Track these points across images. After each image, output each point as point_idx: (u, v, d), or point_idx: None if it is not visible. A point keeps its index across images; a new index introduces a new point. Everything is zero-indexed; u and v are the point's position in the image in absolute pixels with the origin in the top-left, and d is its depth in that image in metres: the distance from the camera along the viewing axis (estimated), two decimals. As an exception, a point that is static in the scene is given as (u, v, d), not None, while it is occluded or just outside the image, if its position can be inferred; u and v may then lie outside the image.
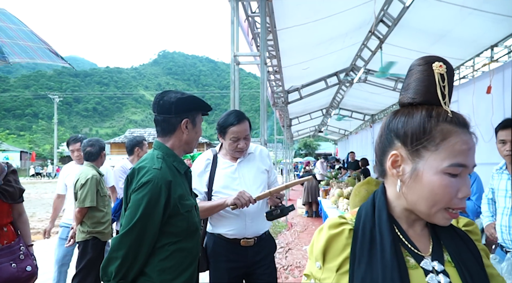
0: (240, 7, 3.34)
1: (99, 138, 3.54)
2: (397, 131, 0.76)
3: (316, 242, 0.78)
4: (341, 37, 6.10)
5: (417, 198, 0.73)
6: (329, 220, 0.80)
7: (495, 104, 5.19)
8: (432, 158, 0.72)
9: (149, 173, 1.45)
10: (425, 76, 0.76)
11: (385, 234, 0.73)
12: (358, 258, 0.72)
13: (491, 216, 2.52)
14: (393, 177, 0.78)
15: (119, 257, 1.38)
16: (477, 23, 4.79)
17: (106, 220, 3.28)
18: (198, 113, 1.63)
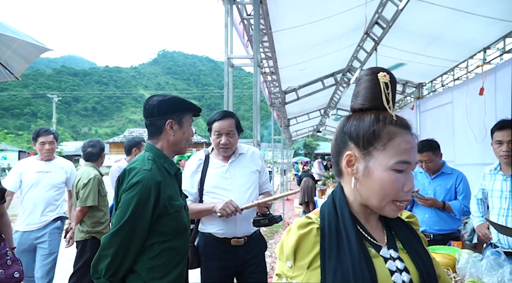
0: (234, 10, 3.41)
1: (99, 139, 3.60)
2: (351, 134, 0.86)
3: (286, 242, 0.81)
4: (337, 39, 6.16)
5: (369, 193, 0.83)
6: (297, 220, 0.84)
7: (487, 105, 5.26)
8: (381, 157, 0.81)
9: (139, 174, 1.50)
10: (372, 84, 0.85)
11: (349, 229, 0.80)
12: (328, 253, 0.78)
13: (481, 216, 2.56)
14: (348, 175, 0.87)
15: (109, 255, 1.43)
16: (469, 26, 4.86)
17: (105, 220, 3.34)
18: (184, 113, 1.66)
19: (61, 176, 3.34)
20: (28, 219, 3.17)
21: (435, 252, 2.24)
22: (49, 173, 3.25)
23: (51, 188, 3.25)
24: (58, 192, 3.30)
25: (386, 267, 0.81)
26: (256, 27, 3.04)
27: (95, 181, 3.23)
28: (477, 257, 1.90)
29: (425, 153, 2.83)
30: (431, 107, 7.65)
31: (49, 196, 3.23)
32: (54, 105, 36.97)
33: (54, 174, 3.30)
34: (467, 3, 4.34)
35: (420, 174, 3.06)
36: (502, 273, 1.72)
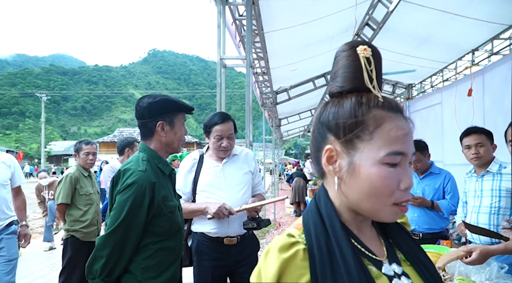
0: (227, 11, 3.41)
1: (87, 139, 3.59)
2: (329, 124, 0.69)
3: (265, 271, 0.63)
4: (328, 40, 6.20)
5: (358, 195, 0.66)
6: (276, 241, 0.66)
7: (475, 106, 5.35)
8: (368, 149, 0.65)
9: (134, 175, 1.51)
10: (350, 61, 0.69)
11: (344, 247, 0.63)
12: (321, 281, 0.61)
13: (463, 217, 2.67)
14: (330, 174, 0.70)
15: (104, 256, 1.44)
16: (458, 27, 4.94)
17: (85, 219, 3.29)
18: (175, 114, 1.66)
19: (6, 171, 2.82)
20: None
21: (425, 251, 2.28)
22: None
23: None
24: (7, 191, 2.82)
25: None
26: (248, 28, 3.05)
27: (67, 179, 3.27)
28: (466, 256, 1.94)
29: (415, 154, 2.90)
30: (420, 107, 7.75)
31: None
32: (43, 104, 36.45)
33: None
34: (456, 6, 4.41)
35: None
36: (490, 270, 1.75)
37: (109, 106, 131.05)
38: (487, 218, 2.36)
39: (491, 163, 2.42)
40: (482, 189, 2.43)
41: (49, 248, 6.18)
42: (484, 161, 2.42)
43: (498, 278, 1.69)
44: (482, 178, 2.44)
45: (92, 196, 3.43)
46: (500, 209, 2.32)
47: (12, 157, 2.95)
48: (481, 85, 5.27)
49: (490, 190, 2.37)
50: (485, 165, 2.43)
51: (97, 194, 3.54)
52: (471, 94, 5.41)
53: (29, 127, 53.78)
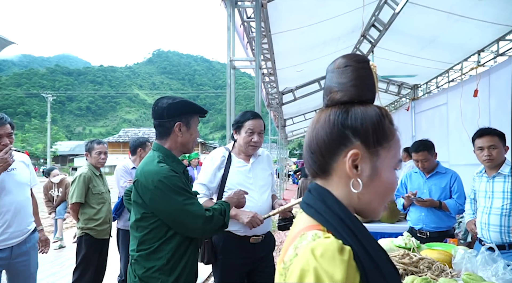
0: (236, 13, 3.48)
1: (98, 138, 3.68)
2: (356, 128, 0.72)
3: (331, 275, 0.60)
4: (334, 41, 6.25)
5: (374, 196, 0.73)
6: (327, 243, 0.63)
7: (481, 107, 5.38)
8: (388, 156, 0.74)
9: (159, 173, 1.62)
10: (367, 74, 0.76)
11: (373, 243, 0.69)
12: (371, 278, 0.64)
13: (472, 214, 2.71)
14: (346, 177, 0.73)
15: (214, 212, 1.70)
16: (464, 29, 4.97)
17: (99, 217, 3.36)
18: (192, 116, 1.74)
19: (27, 171, 2.60)
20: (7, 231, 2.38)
21: (432, 248, 2.33)
22: (15, 170, 2.47)
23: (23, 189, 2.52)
24: (29, 193, 2.62)
25: None
26: (257, 31, 3.11)
27: (80, 178, 3.34)
28: (472, 253, 1.99)
29: (421, 153, 2.96)
30: (426, 108, 7.77)
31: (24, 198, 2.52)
32: (49, 104, 36.74)
33: (20, 170, 2.52)
34: (461, 7, 4.45)
35: (415, 174, 3.17)
36: (496, 267, 1.80)
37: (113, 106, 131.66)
38: (498, 220, 2.39)
39: (502, 165, 2.44)
40: (493, 191, 2.45)
41: (58, 246, 6.28)
42: (495, 164, 2.44)
43: (504, 274, 1.73)
44: (493, 180, 2.46)
45: (104, 195, 3.50)
46: (511, 210, 2.35)
47: (28, 157, 2.79)
48: (486, 86, 5.29)
49: (502, 192, 2.40)
50: (497, 167, 2.45)
51: (108, 193, 3.61)
52: (477, 95, 5.44)
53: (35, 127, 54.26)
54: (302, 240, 0.67)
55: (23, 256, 2.45)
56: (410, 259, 2.04)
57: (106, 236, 3.44)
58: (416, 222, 3.03)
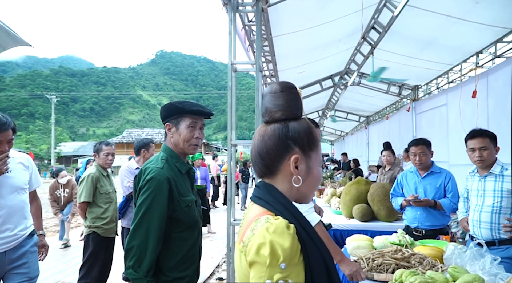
0: (237, 17, 3.58)
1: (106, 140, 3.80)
2: (295, 139, 0.96)
3: (281, 245, 0.81)
4: (335, 43, 6.34)
5: (309, 188, 0.99)
6: (278, 222, 0.85)
7: (480, 108, 5.45)
8: (315, 156, 0.99)
9: (153, 171, 1.70)
10: (296, 98, 1.01)
11: (307, 223, 0.92)
12: (308, 246, 0.86)
13: (465, 212, 2.81)
14: (289, 175, 0.96)
15: (133, 247, 1.60)
16: (462, 31, 5.05)
17: (106, 216, 3.48)
18: (181, 117, 1.81)
19: (25, 173, 2.48)
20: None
21: (425, 245, 2.42)
22: (10, 172, 2.34)
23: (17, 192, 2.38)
24: (27, 196, 2.49)
25: None
26: (258, 35, 3.21)
27: (89, 178, 3.46)
28: (462, 249, 2.08)
29: (420, 146, 3.11)
30: (426, 109, 7.84)
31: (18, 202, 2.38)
32: (53, 105, 36.96)
33: (16, 172, 2.40)
34: (459, 10, 4.53)
35: (411, 174, 3.27)
36: (483, 262, 1.89)
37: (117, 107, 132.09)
38: (489, 217, 2.49)
39: (493, 165, 2.53)
40: (484, 189, 2.55)
41: (64, 245, 6.39)
42: (487, 164, 2.54)
43: (490, 268, 1.82)
44: (485, 179, 2.56)
45: (111, 195, 3.62)
46: (501, 208, 2.45)
47: (30, 158, 2.68)
48: (485, 87, 5.37)
49: (493, 191, 2.50)
50: (488, 167, 2.55)
51: (115, 193, 3.72)
52: (476, 96, 5.51)
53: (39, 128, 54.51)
54: (257, 223, 0.87)
55: (20, 259, 2.32)
56: (402, 255, 2.13)
57: (113, 235, 3.56)
58: (412, 220, 3.12)
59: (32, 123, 71.00)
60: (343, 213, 4.52)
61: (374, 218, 4.24)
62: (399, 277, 1.75)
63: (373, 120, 13.29)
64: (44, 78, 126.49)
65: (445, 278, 1.71)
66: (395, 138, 9.45)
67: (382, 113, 11.98)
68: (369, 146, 13.31)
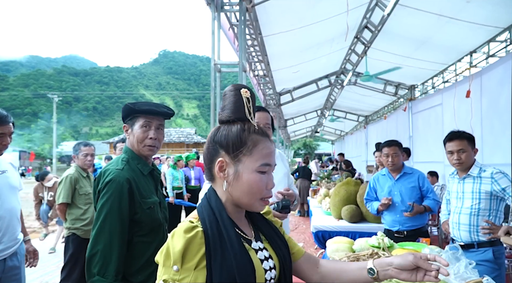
0: (223, 17, 3.55)
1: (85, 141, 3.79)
2: (221, 143, 0.95)
3: (173, 247, 0.85)
4: (328, 42, 6.30)
5: (240, 193, 0.94)
6: (181, 226, 0.89)
7: (474, 108, 5.41)
8: (248, 161, 0.93)
9: (112, 173, 1.63)
10: (236, 99, 0.96)
11: (229, 230, 0.90)
12: (213, 253, 0.85)
13: (447, 214, 2.78)
14: (220, 179, 0.96)
15: (97, 252, 1.54)
16: (455, 30, 5.00)
17: (86, 217, 3.42)
18: (136, 118, 1.76)
19: (16, 174, 2.35)
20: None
21: (404, 247, 2.38)
22: (6, 172, 2.21)
23: (14, 193, 2.25)
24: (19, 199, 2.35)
25: (257, 257, 0.94)
26: (241, 34, 3.18)
27: (67, 179, 3.42)
28: (438, 253, 2.04)
29: (393, 147, 3.11)
30: (422, 108, 7.78)
31: (16, 204, 2.26)
32: (55, 105, 37.11)
33: (10, 173, 2.26)
34: (451, 9, 4.49)
35: (383, 177, 3.25)
36: (458, 266, 1.85)
37: (120, 106, 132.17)
38: (468, 219, 2.47)
39: (472, 167, 2.51)
40: (463, 191, 2.53)
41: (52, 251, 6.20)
42: (465, 166, 2.51)
43: (464, 273, 1.79)
44: (464, 181, 2.54)
45: (91, 196, 3.57)
46: (480, 210, 2.43)
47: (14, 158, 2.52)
48: (479, 87, 5.32)
49: (471, 193, 2.48)
50: (467, 169, 2.52)
51: (96, 194, 3.69)
52: (470, 96, 5.46)
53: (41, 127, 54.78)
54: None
55: (14, 269, 2.18)
56: (378, 258, 2.10)
57: None
58: (392, 224, 3.10)
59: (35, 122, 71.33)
60: (332, 214, 4.48)
61: (363, 219, 4.19)
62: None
63: (371, 119, 13.24)
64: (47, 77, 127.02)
65: None
66: (392, 138, 9.36)
67: (380, 112, 11.93)
68: (368, 146, 13.25)
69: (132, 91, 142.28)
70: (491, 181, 2.36)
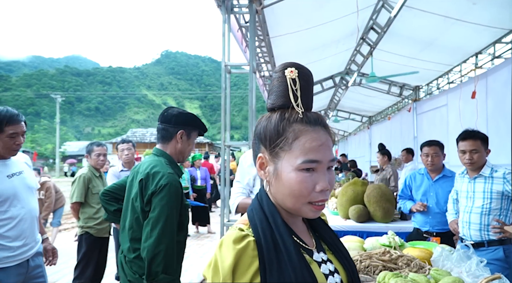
0: (232, 18, 3.59)
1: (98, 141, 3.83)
2: (260, 136, 0.82)
3: (222, 261, 0.72)
4: (334, 43, 6.34)
5: (282, 195, 0.78)
6: (229, 235, 0.76)
7: (479, 109, 5.43)
8: (288, 157, 0.76)
9: (166, 177, 1.71)
10: (280, 82, 0.80)
11: (286, 238, 0.75)
12: (268, 267, 0.72)
13: (454, 214, 2.80)
14: (263, 178, 0.83)
15: (162, 251, 1.63)
16: (461, 32, 5.03)
17: (99, 216, 3.50)
18: (194, 129, 1.91)
19: (32, 173, 2.37)
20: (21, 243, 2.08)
21: (414, 247, 2.42)
22: (23, 173, 2.21)
23: (32, 193, 2.26)
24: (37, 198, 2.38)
25: (321, 272, 0.79)
26: (252, 36, 3.22)
27: (81, 179, 3.50)
28: (450, 251, 2.08)
29: (433, 147, 3.07)
30: (427, 109, 7.80)
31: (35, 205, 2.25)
32: (58, 105, 37.25)
33: (27, 173, 2.27)
34: (457, 11, 4.52)
35: (420, 176, 3.24)
36: (469, 264, 1.89)
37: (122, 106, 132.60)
38: (479, 218, 2.50)
39: (483, 167, 2.52)
40: (474, 191, 2.55)
41: None
42: (476, 167, 2.53)
43: (476, 270, 1.83)
44: (475, 181, 2.56)
45: None
46: (491, 210, 2.45)
47: (28, 157, 2.49)
48: (484, 88, 5.34)
49: (482, 192, 2.50)
50: (478, 169, 2.54)
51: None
52: (475, 97, 5.48)
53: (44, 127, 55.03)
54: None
55: (38, 268, 2.19)
56: (390, 256, 2.14)
57: (106, 235, 3.59)
58: (423, 224, 3.12)
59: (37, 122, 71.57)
60: (339, 214, 4.52)
61: (370, 219, 4.23)
62: (382, 279, 1.76)
63: (375, 120, 13.25)
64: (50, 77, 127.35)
65: (427, 280, 1.71)
66: (396, 138, 9.42)
67: (384, 113, 11.94)
68: (372, 147, 13.26)
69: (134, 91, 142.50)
70: (503, 182, 2.40)
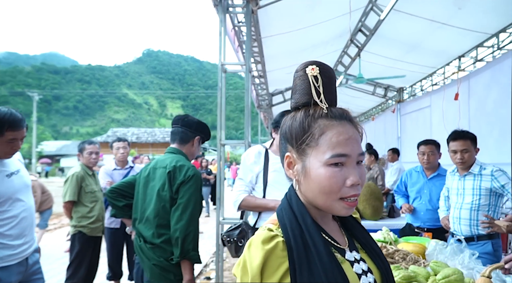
0: (227, 18, 3.62)
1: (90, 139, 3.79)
2: (286, 135, 0.82)
3: (250, 261, 0.72)
4: (323, 45, 6.44)
5: (312, 193, 0.77)
6: (259, 235, 0.75)
7: (461, 110, 5.64)
8: (315, 153, 0.76)
9: (191, 169, 2.10)
10: (302, 80, 0.81)
11: (316, 238, 0.74)
12: (298, 268, 0.71)
13: (446, 210, 2.92)
14: (292, 178, 0.82)
15: (191, 232, 2.01)
16: (445, 35, 5.21)
17: (92, 215, 3.46)
18: (205, 138, 2.32)
19: (26, 171, 2.31)
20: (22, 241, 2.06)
21: (408, 242, 2.51)
22: (20, 171, 2.18)
23: (29, 191, 2.22)
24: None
25: (353, 271, 0.78)
26: (248, 36, 3.26)
27: (73, 178, 3.44)
28: (443, 245, 2.17)
29: (430, 145, 3.17)
30: (411, 110, 8.03)
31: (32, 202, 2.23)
32: (35, 103, 36.18)
33: (23, 171, 2.24)
34: (443, 15, 4.68)
35: (416, 173, 3.36)
36: (462, 257, 1.99)
37: (102, 105, 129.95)
38: (469, 214, 2.62)
39: (473, 165, 2.65)
40: (464, 188, 2.67)
41: None
42: (467, 165, 2.66)
43: (469, 263, 1.92)
44: (464, 178, 2.69)
45: (97, 194, 3.58)
46: (480, 206, 2.58)
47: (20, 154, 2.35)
48: (466, 90, 5.56)
49: (472, 189, 2.62)
50: (468, 167, 2.66)
51: (101, 192, 3.69)
52: (458, 98, 5.69)
53: (21, 126, 53.19)
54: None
55: (36, 265, 2.17)
56: (387, 251, 2.21)
57: (99, 234, 3.54)
58: (415, 220, 3.23)
59: (13, 121, 69.12)
60: (329, 212, 4.61)
61: (360, 217, 4.33)
62: (384, 272, 1.83)
63: (359, 121, 13.50)
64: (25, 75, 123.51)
65: (427, 272, 1.79)
66: (380, 138, 9.64)
67: (368, 114, 12.19)
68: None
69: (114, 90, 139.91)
70: (491, 179, 2.52)
